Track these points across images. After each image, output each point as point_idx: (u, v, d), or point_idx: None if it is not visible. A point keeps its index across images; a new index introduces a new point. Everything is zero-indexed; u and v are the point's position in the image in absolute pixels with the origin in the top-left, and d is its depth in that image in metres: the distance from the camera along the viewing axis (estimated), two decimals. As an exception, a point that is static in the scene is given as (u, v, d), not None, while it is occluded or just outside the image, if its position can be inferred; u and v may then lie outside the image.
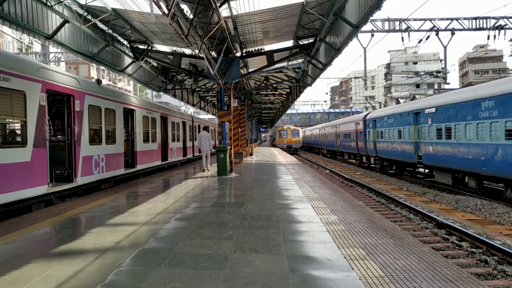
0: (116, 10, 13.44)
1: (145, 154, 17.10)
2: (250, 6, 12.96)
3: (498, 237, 9.62)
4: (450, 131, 16.74)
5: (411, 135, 20.76)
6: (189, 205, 8.78)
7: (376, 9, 10.54)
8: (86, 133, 11.72)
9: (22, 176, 8.62)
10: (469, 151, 15.20)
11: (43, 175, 9.39)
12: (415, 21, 22.85)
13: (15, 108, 8.49)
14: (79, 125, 11.34)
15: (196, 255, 5.03)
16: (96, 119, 12.49)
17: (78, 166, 11.24)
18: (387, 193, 16.91)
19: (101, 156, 12.70)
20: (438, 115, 17.84)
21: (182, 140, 24.37)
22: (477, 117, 14.63)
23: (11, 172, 8.26)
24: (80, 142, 11.33)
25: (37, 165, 9.15)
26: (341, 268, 4.49)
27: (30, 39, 40.70)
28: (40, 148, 9.25)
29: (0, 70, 8.02)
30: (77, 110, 11.25)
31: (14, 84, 8.41)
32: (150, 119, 17.87)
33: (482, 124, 14.35)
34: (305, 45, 17.30)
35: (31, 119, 8.96)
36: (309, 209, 8.05)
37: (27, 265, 4.72)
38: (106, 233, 6.21)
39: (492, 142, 13.73)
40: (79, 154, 11.28)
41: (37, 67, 9.45)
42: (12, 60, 8.59)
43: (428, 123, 18.83)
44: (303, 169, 18.62)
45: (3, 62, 8.17)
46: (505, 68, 77.19)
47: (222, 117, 16.29)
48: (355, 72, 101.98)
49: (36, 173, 9.13)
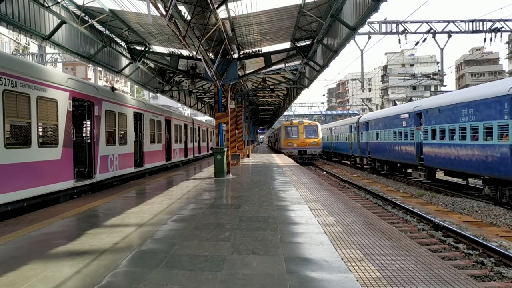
0: (113, 11, 13.41)
1: (151, 154, 18.26)
2: (247, 8, 12.97)
3: (494, 239, 9.65)
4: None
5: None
6: (186, 206, 8.76)
7: (373, 11, 10.57)
8: (103, 135, 12.98)
9: (55, 171, 9.98)
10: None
11: (70, 172, 10.78)
12: (412, 23, 22.93)
13: (50, 114, 9.89)
14: (98, 128, 12.60)
15: (193, 256, 5.02)
16: (111, 123, 13.76)
17: (97, 164, 12.50)
18: (384, 195, 16.94)
19: (115, 156, 13.94)
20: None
21: (184, 142, 25.49)
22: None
23: (47, 168, 9.65)
24: (98, 143, 12.60)
25: (65, 162, 10.53)
26: (338, 269, 4.49)
27: (27, 39, 40.60)
28: (67, 148, 10.63)
29: (39, 82, 9.43)
30: (96, 115, 12.52)
31: (49, 93, 9.84)
32: (156, 122, 19.02)
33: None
34: (303, 47, 17.31)
35: (61, 123, 10.37)
36: (306, 211, 8.05)
37: (24, 267, 4.69)
38: (103, 234, 6.19)
39: None
40: (97, 154, 12.53)
41: (66, 78, 10.93)
42: (48, 73, 10.02)
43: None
44: (300, 170, 18.62)
45: (41, 75, 9.55)
46: (501, 70, 77.56)
47: (219, 118, 16.27)
48: (352, 74, 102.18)
49: (65, 170, 10.51)
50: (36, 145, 9.22)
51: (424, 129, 18.97)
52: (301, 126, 37.05)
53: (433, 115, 18.05)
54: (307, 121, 39.00)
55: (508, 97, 12.56)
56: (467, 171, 15.38)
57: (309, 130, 37.00)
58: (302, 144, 36.19)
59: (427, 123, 18.69)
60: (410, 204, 14.53)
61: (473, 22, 22.87)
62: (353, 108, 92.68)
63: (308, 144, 36.15)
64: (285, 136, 37.09)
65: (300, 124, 37.24)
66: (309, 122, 38.21)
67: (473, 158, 14.66)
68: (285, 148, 36.70)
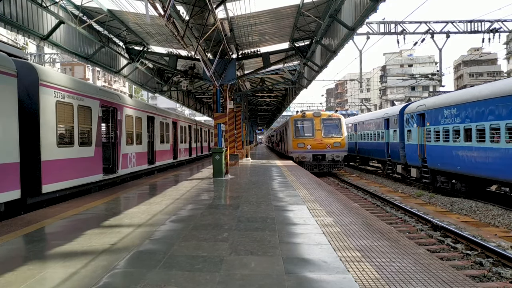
0: (111, 11, 13.38)
1: (161, 153, 20.26)
2: (246, 8, 12.96)
3: (492, 239, 9.66)
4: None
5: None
6: (185, 206, 8.75)
7: (372, 12, 10.58)
8: (124, 136, 14.88)
9: (89, 166, 11.97)
10: None
11: (100, 167, 12.70)
12: (410, 23, 22.94)
13: (86, 119, 11.84)
14: (120, 130, 14.50)
15: (192, 257, 5.01)
16: (130, 126, 15.67)
17: (119, 161, 14.39)
18: (382, 195, 16.95)
19: (133, 154, 15.90)
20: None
21: (188, 142, 27.23)
22: None
23: (84, 163, 11.66)
24: (120, 143, 14.48)
25: (97, 159, 12.51)
26: (336, 270, 4.48)
27: (25, 39, 40.50)
28: (98, 147, 12.60)
29: (79, 93, 11.40)
30: (118, 119, 14.41)
31: (85, 102, 11.81)
32: (165, 124, 21.05)
33: None
34: (301, 47, 17.31)
35: (94, 126, 12.33)
36: (304, 211, 8.04)
37: (21, 267, 4.67)
38: (101, 235, 6.17)
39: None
40: (120, 152, 14.42)
41: (97, 89, 13.03)
42: (85, 85, 12.23)
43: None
44: (298, 171, 18.61)
45: (80, 88, 11.62)
46: (500, 71, 77.69)
47: (218, 118, 16.26)
48: (351, 75, 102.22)
49: (96, 165, 12.49)
50: (77, 144, 11.26)
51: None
52: (318, 120, 26.35)
53: None
54: (326, 112, 28.12)
55: None
56: None
57: (329, 125, 26.34)
58: (320, 145, 25.67)
59: None
60: (408, 204, 14.53)
61: (471, 23, 22.90)
62: (352, 108, 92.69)
63: (328, 146, 25.61)
64: (295, 134, 26.37)
65: (316, 117, 26.49)
66: (328, 113, 27.18)
67: None
68: (295, 152, 26.05)
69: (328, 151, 25.63)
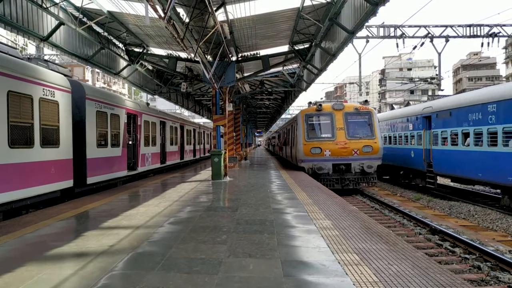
0: (111, 12, 13.41)
1: (171, 154, 22.77)
2: (246, 11, 13.00)
3: (491, 243, 9.67)
4: None
5: None
6: (183, 209, 8.74)
7: (371, 15, 10.61)
8: (143, 139, 17.32)
9: (118, 164, 14.40)
10: None
11: (125, 164, 15.16)
12: (410, 27, 23.01)
13: (116, 125, 14.26)
14: (139, 133, 16.93)
15: (190, 259, 5.00)
16: (147, 130, 18.04)
17: (139, 160, 16.85)
18: (381, 198, 16.95)
19: (149, 154, 18.32)
20: None
21: (193, 144, 29.84)
22: None
23: (114, 161, 14.09)
24: (140, 145, 16.91)
25: (123, 158, 15.01)
26: (335, 273, 4.48)
27: (24, 40, 40.48)
28: (124, 148, 15.01)
29: (112, 104, 13.89)
30: (138, 124, 16.84)
31: (115, 111, 14.30)
32: (174, 128, 23.53)
33: None
34: (301, 50, 17.35)
35: (121, 130, 14.77)
36: (303, 214, 8.04)
37: (19, 268, 4.67)
38: (99, 236, 6.16)
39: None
40: (139, 152, 16.87)
41: (123, 99, 15.51)
42: (115, 97, 14.69)
43: None
44: (298, 174, 18.59)
45: (112, 99, 14.11)
46: (498, 75, 77.87)
47: (217, 121, 16.27)
48: (350, 78, 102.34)
49: (123, 163, 14.96)
50: (110, 145, 13.64)
51: None
52: (339, 114, 18.53)
53: None
54: (351, 103, 20.37)
55: None
56: None
57: (355, 122, 18.63)
58: (343, 151, 18.07)
59: None
60: (407, 208, 14.54)
61: (470, 27, 22.98)
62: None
63: (354, 152, 18.05)
64: (307, 134, 18.65)
65: (338, 110, 18.61)
66: (354, 105, 19.46)
67: None
68: (307, 160, 18.51)
69: (355, 159, 18.08)
